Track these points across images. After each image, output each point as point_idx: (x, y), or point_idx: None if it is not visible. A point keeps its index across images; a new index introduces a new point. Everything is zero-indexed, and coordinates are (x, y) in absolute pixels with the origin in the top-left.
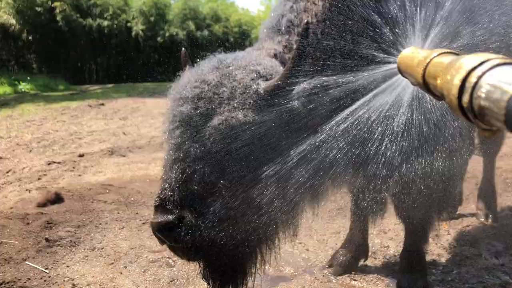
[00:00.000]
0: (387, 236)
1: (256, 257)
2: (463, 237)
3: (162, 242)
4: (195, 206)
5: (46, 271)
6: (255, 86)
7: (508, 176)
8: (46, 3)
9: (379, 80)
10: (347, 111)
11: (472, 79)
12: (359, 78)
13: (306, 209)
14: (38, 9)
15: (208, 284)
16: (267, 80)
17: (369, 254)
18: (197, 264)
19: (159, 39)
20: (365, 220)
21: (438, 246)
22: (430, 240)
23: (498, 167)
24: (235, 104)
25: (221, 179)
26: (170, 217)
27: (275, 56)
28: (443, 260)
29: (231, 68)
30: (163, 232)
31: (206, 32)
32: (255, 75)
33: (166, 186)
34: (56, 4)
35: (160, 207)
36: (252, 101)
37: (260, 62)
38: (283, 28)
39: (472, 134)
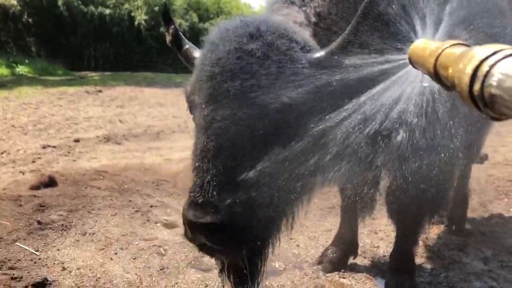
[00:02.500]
0: (378, 237)
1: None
2: (452, 242)
3: (196, 242)
4: (243, 203)
5: (37, 253)
6: (303, 59)
7: (500, 184)
8: None
9: (386, 73)
10: (358, 100)
11: (484, 68)
12: (367, 70)
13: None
14: None
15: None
16: (306, 52)
17: (359, 253)
18: (220, 263)
19: (162, 29)
20: (354, 218)
21: (428, 249)
22: (420, 242)
23: (491, 175)
24: (285, 80)
25: (274, 170)
26: (219, 217)
27: (300, 25)
28: (432, 263)
29: (272, 37)
30: (209, 234)
31: (208, 24)
32: (297, 46)
33: (211, 178)
34: None
35: (204, 204)
36: (301, 77)
37: (295, 30)
38: (298, 0)
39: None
